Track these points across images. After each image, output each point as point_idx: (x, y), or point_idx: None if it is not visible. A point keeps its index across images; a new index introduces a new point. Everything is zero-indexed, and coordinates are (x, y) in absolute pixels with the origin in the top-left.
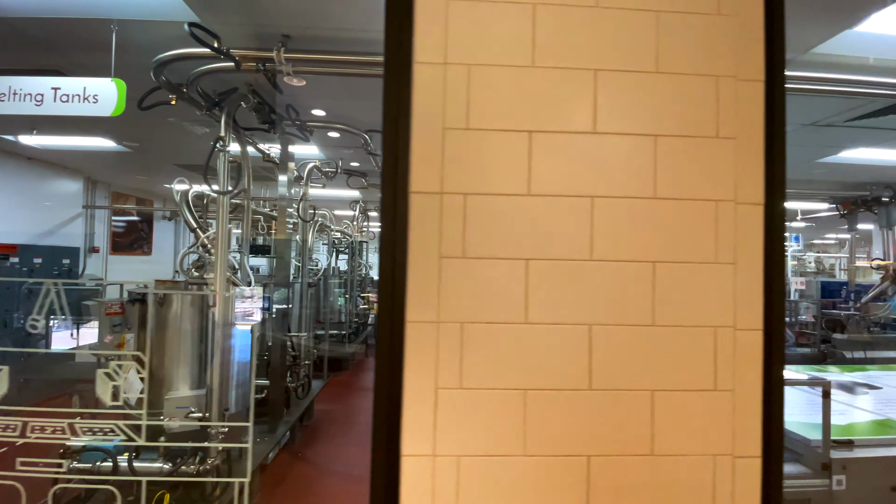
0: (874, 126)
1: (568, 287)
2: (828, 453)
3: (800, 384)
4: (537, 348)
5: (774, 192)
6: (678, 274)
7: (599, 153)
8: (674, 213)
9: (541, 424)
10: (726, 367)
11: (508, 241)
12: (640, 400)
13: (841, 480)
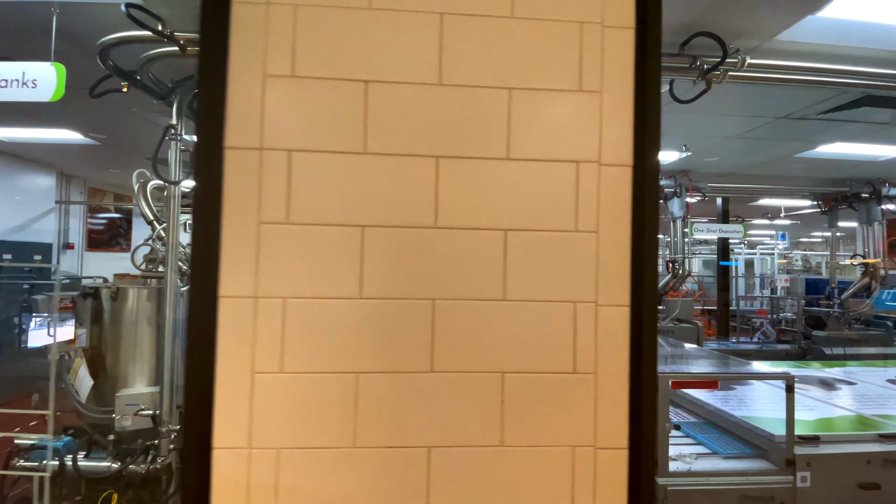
0: (848, 119)
1: (411, 257)
2: (792, 449)
3: (762, 378)
4: (371, 326)
5: (645, 151)
6: (533, 243)
7: (445, 109)
8: (529, 176)
9: (375, 412)
10: (587, 347)
11: (340, 206)
12: (488, 384)
13: (805, 477)
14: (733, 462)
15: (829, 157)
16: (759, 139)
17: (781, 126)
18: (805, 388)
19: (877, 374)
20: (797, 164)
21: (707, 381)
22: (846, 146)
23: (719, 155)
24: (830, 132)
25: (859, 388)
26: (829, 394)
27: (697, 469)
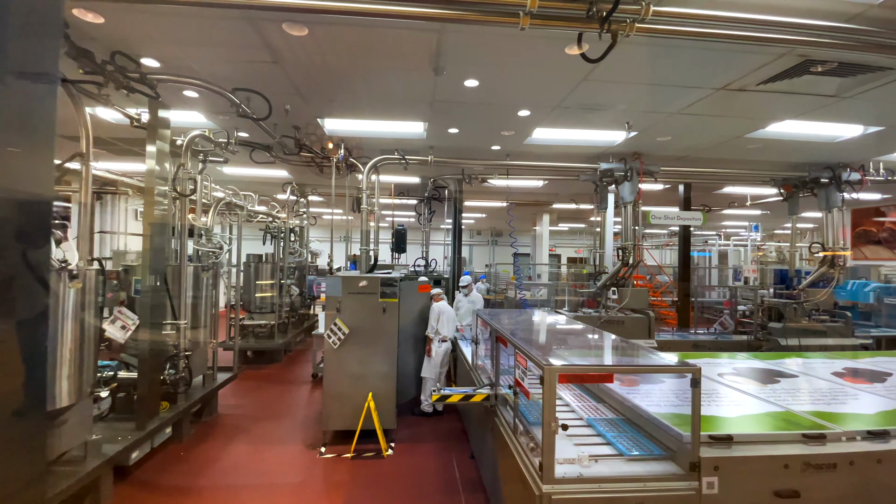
0: (792, 91)
1: None
2: (697, 452)
3: (665, 371)
4: None
5: None
6: None
7: None
8: None
9: None
10: None
11: None
12: None
13: (712, 483)
14: (637, 465)
15: (782, 138)
16: (704, 115)
17: (723, 99)
18: (738, 382)
19: (824, 366)
20: (751, 144)
21: (600, 375)
22: (798, 125)
23: (669, 134)
24: (777, 106)
25: (799, 382)
26: (764, 387)
27: (591, 474)
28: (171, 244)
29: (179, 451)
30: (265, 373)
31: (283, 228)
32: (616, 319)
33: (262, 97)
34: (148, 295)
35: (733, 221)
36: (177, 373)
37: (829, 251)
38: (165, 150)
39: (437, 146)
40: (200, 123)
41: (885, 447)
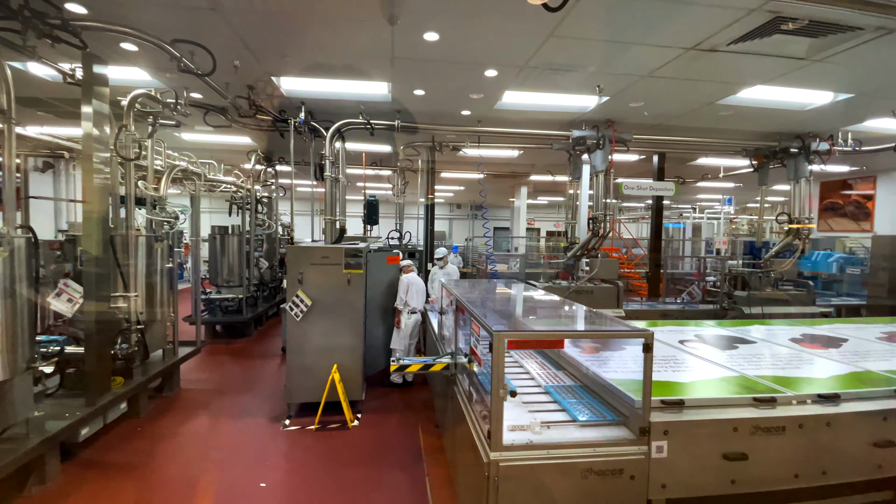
0: (762, 53)
1: None
2: (647, 416)
3: (618, 337)
4: None
5: None
6: None
7: None
8: None
9: None
10: None
11: None
12: None
13: (662, 447)
14: (589, 431)
15: (753, 105)
16: (675, 78)
17: (694, 61)
18: (698, 348)
19: (783, 332)
20: (723, 111)
21: (549, 340)
22: (768, 91)
23: (642, 99)
24: (747, 70)
25: (757, 348)
26: (722, 353)
27: (541, 440)
28: (118, 213)
29: (136, 426)
30: (234, 347)
31: (248, 199)
32: (585, 289)
33: (205, 49)
34: (91, 266)
35: (708, 195)
36: (129, 347)
37: (795, 222)
38: (104, 110)
39: (404, 110)
40: (147, 82)
41: (835, 410)
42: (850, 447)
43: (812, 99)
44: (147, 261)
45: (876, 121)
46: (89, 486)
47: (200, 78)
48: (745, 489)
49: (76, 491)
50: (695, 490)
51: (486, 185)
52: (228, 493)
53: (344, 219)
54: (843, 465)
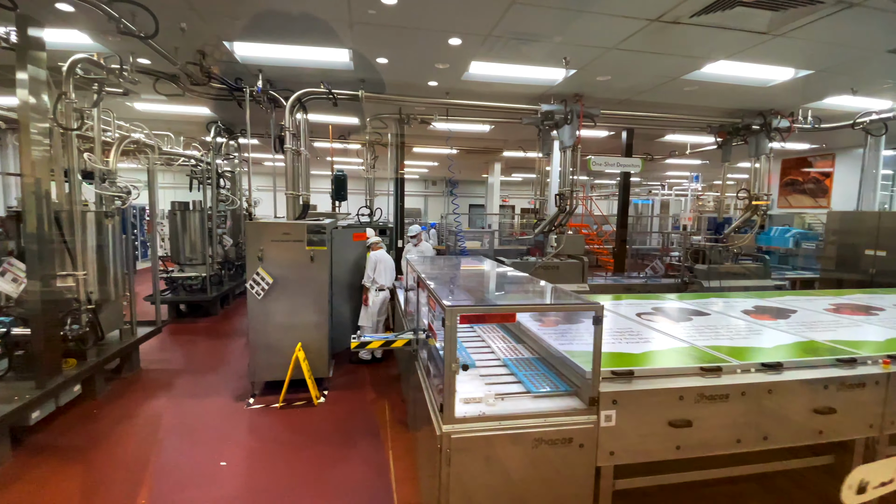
0: (725, 26)
1: None
2: (597, 386)
3: (569, 310)
4: None
5: None
6: None
7: None
8: None
9: None
10: None
11: None
12: None
13: (610, 416)
14: (542, 401)
15: (717, 80)
16: (640, 51)
17: (658, 33)
18: (654, 321)
19: (737, 304)
20: (688, 87)
21: (501, 314)
22: (732, 66)
23: (608, 73)
24: (710, 44)
25: (710, 320)
26: (676, 325)
27: (494, 412)
28: (63, 188)
29: (92, 409)
30: (198, 327)
31: (209, 173)
32: (552, 265)
33: (146, 9)
34: (33, 243)
35: (677, 171)
36: (80, 328)
37: (755, 198)
38: (41, 76)
39: (368, 80)
40: (89, 46)
41: (777, 378)
42: (792, 413)
43: (774, 75)
44: (97, 238)
45: (836, 98)
46: (40, 469)
47: (144, 41)
48: (690, 454)
49: (26, 475)
50: (641, 456)
51: (454, 161)
52: (186, 474)
53: (308, 194)
54: (784, 430)
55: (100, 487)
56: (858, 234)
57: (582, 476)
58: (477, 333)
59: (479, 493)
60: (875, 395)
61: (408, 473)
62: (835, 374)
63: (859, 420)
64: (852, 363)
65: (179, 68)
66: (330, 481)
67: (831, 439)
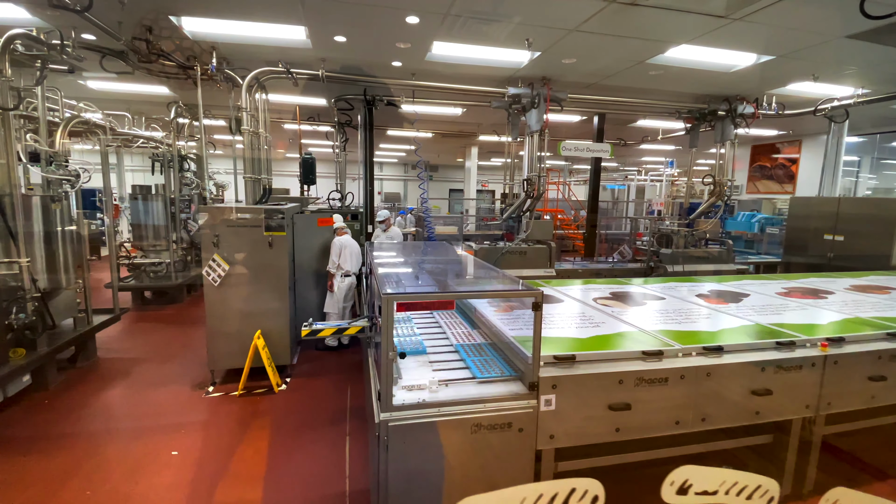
0: (684, 9)
1: None
2: (537, 371)
3: (509, 296)
4: None
5: None
6: None
7: None
8: None
9: None
10: None
11: None
12: None
13: (550, 400)
14: (486, 387)
15: (681, 65)
16: (603, 34)
17: (619, 15)
18: (609, 305)
19: (693, 289)
20: (653, 71)
21: (439, 301)
22: (694, 51)
23: (573, 56)
24: (671, 27)
25: (663, 304)
26: (627, 309)
27: (435, 399)
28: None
29: (43, 399)
30: (163, 314)
31: (169, 155)
32: (519, 250)
33: None
34: None
35: (653, 157)
36: (26, 316)
37: (719, 184)
38: None
39: (329, 59)
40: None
41: (716, 361)
42: (730, 395)
43: (736, 61)
44: (45, 223)
45: (798, 84)
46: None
47: (80, 15)
48: (629, 436)
49: None
50: (581, 439)
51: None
52: (136, 464)
53: (269, 178)
54: (723, 411)
55: (44, 479)
56: (819, 218)
57: (522, 460)
58: (435, 319)
59: (418, 479)
60: (812, 376)
61: (363, 460)
62: (773, 356)
63: (796, 401)
64: (791, 346)
65: (125, 44)
66: (283, 468)
67: (768, 419)
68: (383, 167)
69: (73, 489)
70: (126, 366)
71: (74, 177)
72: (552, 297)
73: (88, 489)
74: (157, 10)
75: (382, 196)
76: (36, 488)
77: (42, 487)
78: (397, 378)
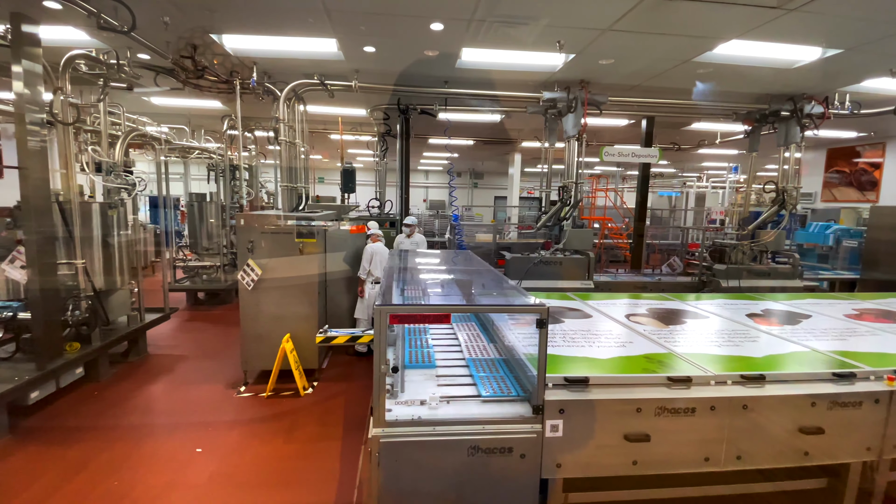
0: (724, 1)
1: None
2: (542, 393)
3: (511, 311)
4: None
5: None
6: None
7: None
8: None
9: None
10: None
11: None
12: None
13: (557, 426)
14: (489, 406)
15: (734, 62)
16: (641, 32)
17: (656, 10)
18: (641, 323)
19: (744, 307)
20: (701, 69)
21: (435, 315)
22: (748, 46)
23: (611, 56)
24: (717, 21)
25: (703, 323)
26: (662, 329)
27: (431, 416)
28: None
29: (94, 391)
30: (211, 314)
31: (221, 165)
32: (554, 260)
33: (120, 2)
34: (31, 233)
35: (714, 163)
36: (81, 313)
37: (783, 191)
38: (36, 70)
39: (362, 69)
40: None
41: (756, 392)
42: (773, 432)
43: (798, 55)
44: (103, 228)
45: (874, 81)
46: (32, 446)
47: (127, 35)
48: (649, 471)
49: (19, 451)
50: (593, 470)
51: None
52: (160, 459)
53: (306, 186)
54: (763, 450)
55: (80, 466)
56: None
57: (525, 488)
58: (453, 331)
59: (413, 499)
60: (875, 414)
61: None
62: (828, 389)
63: (855, 442)
64: (850, 378)
65: (171, 62)
66: (296, 470)
67: (819, 462)
68: (429, 175)
69: (104, 478)
70: (171, 362)
71: (131, 185)
72: (580, 311)
73: (117, 481)
74: (200, 28)
75: (428, 203)
76: (71, 474)
77: (77, 473)
78: (397, 392)
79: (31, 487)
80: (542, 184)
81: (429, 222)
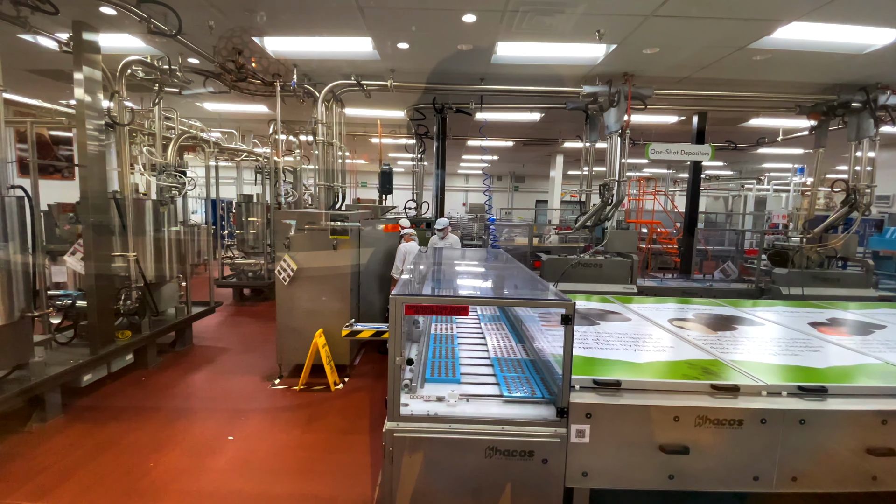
0: None
1: None
2: (567, 395)
3: (536, 305)
4: None
5: None
6: None
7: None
8: None
9: None
10: None
11: None
12: None
13: (583, 431)
14: (511, 407)
15: (795, 48)
16: (687, 17)
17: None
18: (686, 328)
19: (807, 315)
20: (757, 56)
21: (451, 306)
22: (811, 29)
23: (656, 45)
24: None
25: (758, 330)
26: (710, 334)
27: (449, 413)
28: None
29: (141, 377)
30: (255, 309)
31: (267, 167)
32: (594, 263)
33: (166, 6)
34: (88, 228)
35: (777, 163)
36: (132, 303)
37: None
38: (96, 76)
39: (397, 68)
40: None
41: (815, 406)
42: (836, 452)
43: (870, 39)
44: (153, 224)
45: None
46: (80, 425)
47: (174, 39)
48: (687, 487)
49: (68, 429)
50: (624, 482)
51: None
52: (194, 444)
53: (342, 185)
54: (823, 472)
55: (122, 447)
56: None
57: (547, 495)
58: (479, 330)
59: (426, 498)
60: None
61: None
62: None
63: None
64: None
65: (217, 65)
66: (320, 461)
67: (889, 488)
68: (468, 179)
69: (141, 459)
70: (214, 353)
71: (181, 185)
72: (618, 314)
73: (153, 462)
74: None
75: (467, 207)
76: (112, 453)
77: (118, 454)
78: (416, 387)
79: (69, 462)
80: (583, 185)
81: (467, 226)
